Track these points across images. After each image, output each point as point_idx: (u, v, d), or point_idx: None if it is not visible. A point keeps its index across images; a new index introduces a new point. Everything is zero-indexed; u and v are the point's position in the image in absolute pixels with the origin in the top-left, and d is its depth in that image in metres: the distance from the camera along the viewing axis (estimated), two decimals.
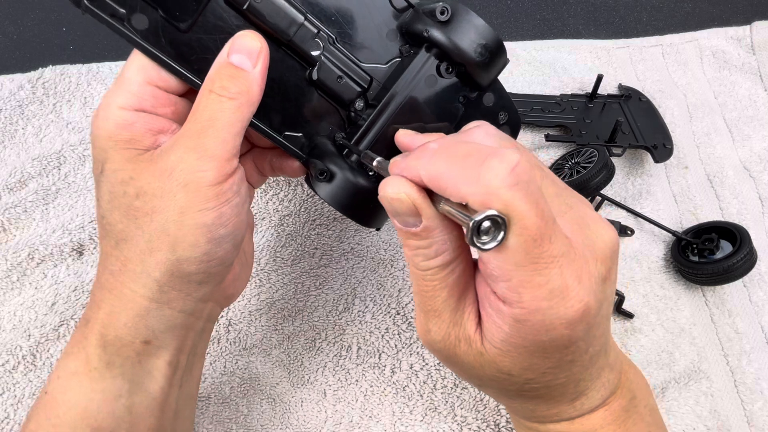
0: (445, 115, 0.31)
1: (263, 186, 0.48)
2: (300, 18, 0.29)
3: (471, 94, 0.32)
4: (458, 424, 0.41)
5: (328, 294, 0.45)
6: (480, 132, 0.26)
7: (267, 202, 0.48)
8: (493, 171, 0.21)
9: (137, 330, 0.28)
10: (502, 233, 0.21)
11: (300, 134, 0.32)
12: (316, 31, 0.29)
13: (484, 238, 0.21)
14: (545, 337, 0.23)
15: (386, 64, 0.31)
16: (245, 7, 0.28)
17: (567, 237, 0.23)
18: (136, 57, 0.28)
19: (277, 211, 0.48)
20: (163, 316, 0.28)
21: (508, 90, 0.54)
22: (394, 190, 0.24)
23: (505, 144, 0.26)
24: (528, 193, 0.21)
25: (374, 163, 0.27)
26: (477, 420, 0.41)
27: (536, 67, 0.56)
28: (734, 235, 0.44)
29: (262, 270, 0.45)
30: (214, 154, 0.26)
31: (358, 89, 0.31)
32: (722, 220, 0.49)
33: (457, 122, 0.32)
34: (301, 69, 0.31)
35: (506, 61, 0.31)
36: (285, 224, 0.47)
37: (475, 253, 0.25)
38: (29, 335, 0.42)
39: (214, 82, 0.27)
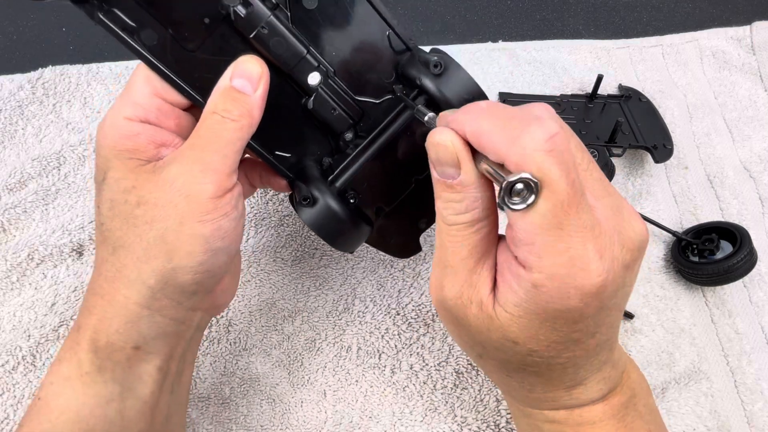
0: (425, 152, 0.33)
1: None
2: (303, 51, 0.30)
3: None
4: (458, 425, 0.41)
5: (328, 294, 0.45)
6: (539, 106, 0.26)
7: (267, 203, 0.48)
8: (531, 135, 0.22)
9: (128, 336, 0.28)
10: (533, 196, 0.22)
11: (289, 155, 0.33)
12: (316, 64, 0.31)
13: (515, 199, 0.22)
14: (558, 305, 0.23)
15: (379, 100, 0.33)
16: (252, 35, 0.29)
17: (595, 215, 0.23)
18: (143, 68, 0.29)
19: (277, 211, 0.48)
20: (154, 323, 0.28)
21: (508, 90, 0.54)
22: (440, 137, 0.25)
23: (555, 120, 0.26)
24: (561, 161, 0.22)
25: (425, 119, 0.29)
26: (477, 420, 0.41)
27: (536, 67, 0.56)
28: (734, 235, 0.44)
29: (262, 270, 0.45)
30: (216, 168, 0.27)
31: (350, 121, 0.32)
32: (722, 220, 0.49)
33: None
34: (297, 96, 0.32)
35: None
36: (285, 224, 0.47)
37: (502, 220, 0.26)
38: (29, 336, 0.42)
39: (217, 104, 0.28)
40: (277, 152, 0.33)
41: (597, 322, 0.25)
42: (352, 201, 0.33)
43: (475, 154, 0.25)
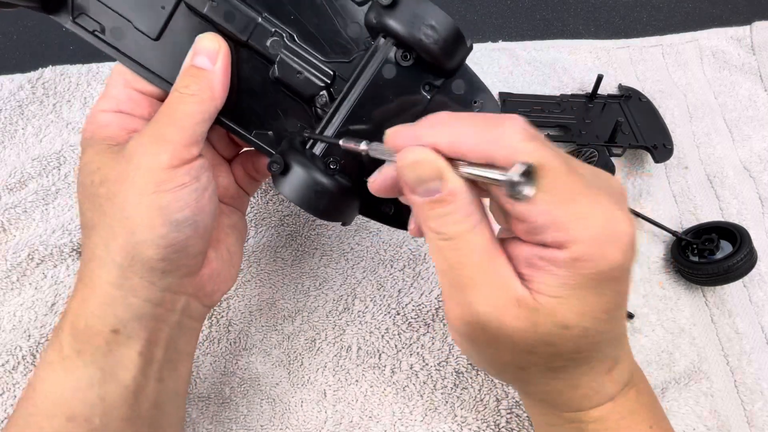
0: (409, 104, 0.31)
1: (263, 186, 0.48)
2: (255, 17, 0.30)
3: (435, 81, 0.31)
4: (458, 425, 0.41)
5: (328, 294, 0.45)
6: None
7: (267, 203, 0.48)
8: (512, 129, 0.23)
9: (105, 318, 0.29)
10: (533, 181, 0.22)
11: (270, 132, 0.33)
12: (272, 29, 0.31)
13: (522, 188, 0.22)
14: (603, 266, 0.23)
15: (349, 59, 0.32)
16: (204, 10, 0.30)
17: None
18: (118, 64, 0.31)
19: (278, 211, 0.48)
20: (129, 305, 0.29)
21: (507, 90, 0.54)
22: (416, 155, 0.24)
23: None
24: (542, 143, 0.23)
25: (361, 146, 0.26)
26: (477, 420, 0.41)
27: (536, 67, 0.56)
28: (734, 235, 0.44)
29: (262, 270, 0.45)
30: (171, 139, 0.28)
31: (321, 84, 0.32)
32: (722, 220, 0.49)
33: (424, 111, 0.31)
34: (265, 68, 0.32)
35: (464, 44, 0.30)
36: (285, 224, 0.47)
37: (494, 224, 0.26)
38: (29, 335, 0.42)
39: (178, 83, 0.29)
40: (256, 131, 0.32)
41: (629, 280, 0.25)
42: (333, 167, 0.31)
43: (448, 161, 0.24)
